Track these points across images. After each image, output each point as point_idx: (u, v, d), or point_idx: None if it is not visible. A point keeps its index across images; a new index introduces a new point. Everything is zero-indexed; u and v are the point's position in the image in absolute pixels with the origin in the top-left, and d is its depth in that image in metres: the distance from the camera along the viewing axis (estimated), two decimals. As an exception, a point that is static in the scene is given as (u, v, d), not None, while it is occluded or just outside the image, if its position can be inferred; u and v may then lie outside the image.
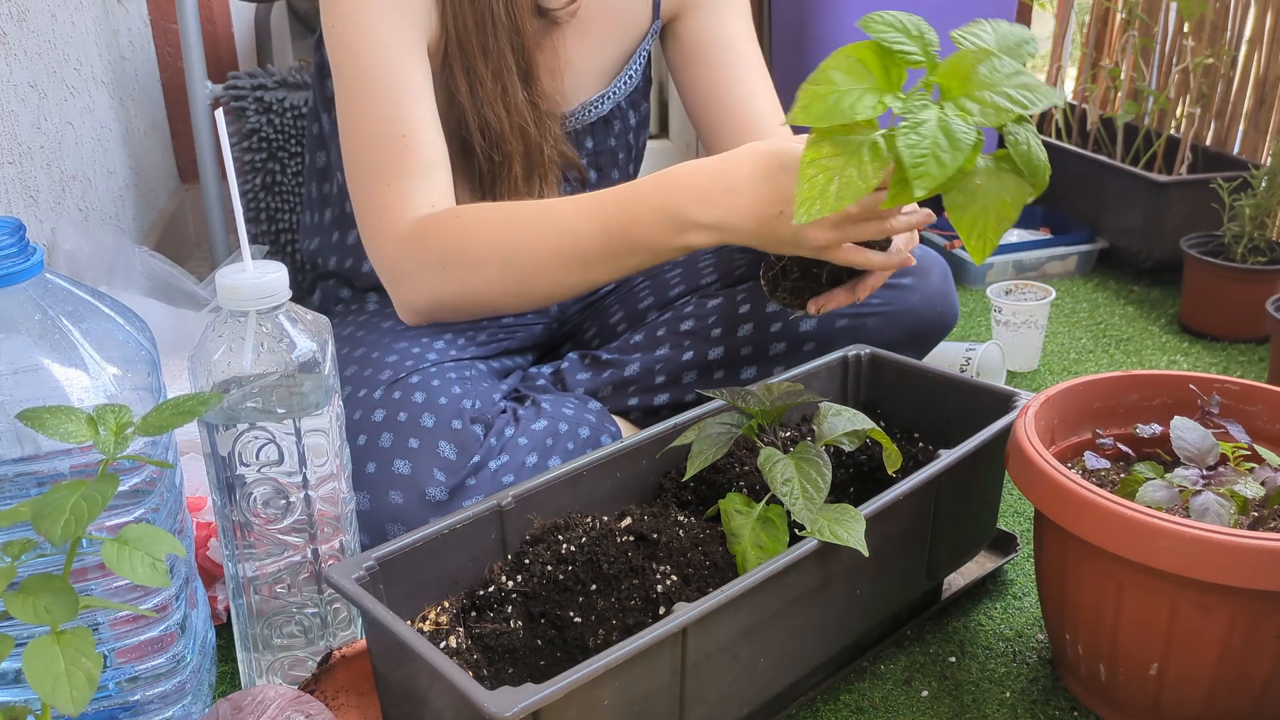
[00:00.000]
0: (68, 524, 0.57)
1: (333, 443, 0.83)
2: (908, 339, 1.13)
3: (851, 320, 1.11)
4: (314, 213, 1.23)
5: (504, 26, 1.01)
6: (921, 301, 1.13)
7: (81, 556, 0.74)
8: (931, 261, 1.15)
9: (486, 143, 1.03)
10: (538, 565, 0.81)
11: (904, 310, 1.12)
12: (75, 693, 0.54)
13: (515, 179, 1.05)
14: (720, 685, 0.76)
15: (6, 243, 0.69)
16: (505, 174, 1.05)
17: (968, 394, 1.01)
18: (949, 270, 1.17)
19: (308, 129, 1.21)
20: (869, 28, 0.72)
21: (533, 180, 1.07)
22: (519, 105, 1.03)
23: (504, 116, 1.02)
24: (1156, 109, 2.00)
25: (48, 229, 1.35)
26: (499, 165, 1.05)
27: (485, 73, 1.01)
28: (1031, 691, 0.92)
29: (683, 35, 1.17)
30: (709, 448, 0.86)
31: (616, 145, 1.17)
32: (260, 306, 0.78)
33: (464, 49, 1.01)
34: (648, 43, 1.16)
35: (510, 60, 1.02)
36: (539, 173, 1.07)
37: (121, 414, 0.64)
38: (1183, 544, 0.74)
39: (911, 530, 0.90)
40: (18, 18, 1.33)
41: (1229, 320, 1.65)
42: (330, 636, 0.88)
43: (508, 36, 1.01)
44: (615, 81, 1.15)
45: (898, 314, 1.11)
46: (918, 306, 1.12)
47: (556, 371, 1.15)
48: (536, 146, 1.05)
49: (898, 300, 1.12)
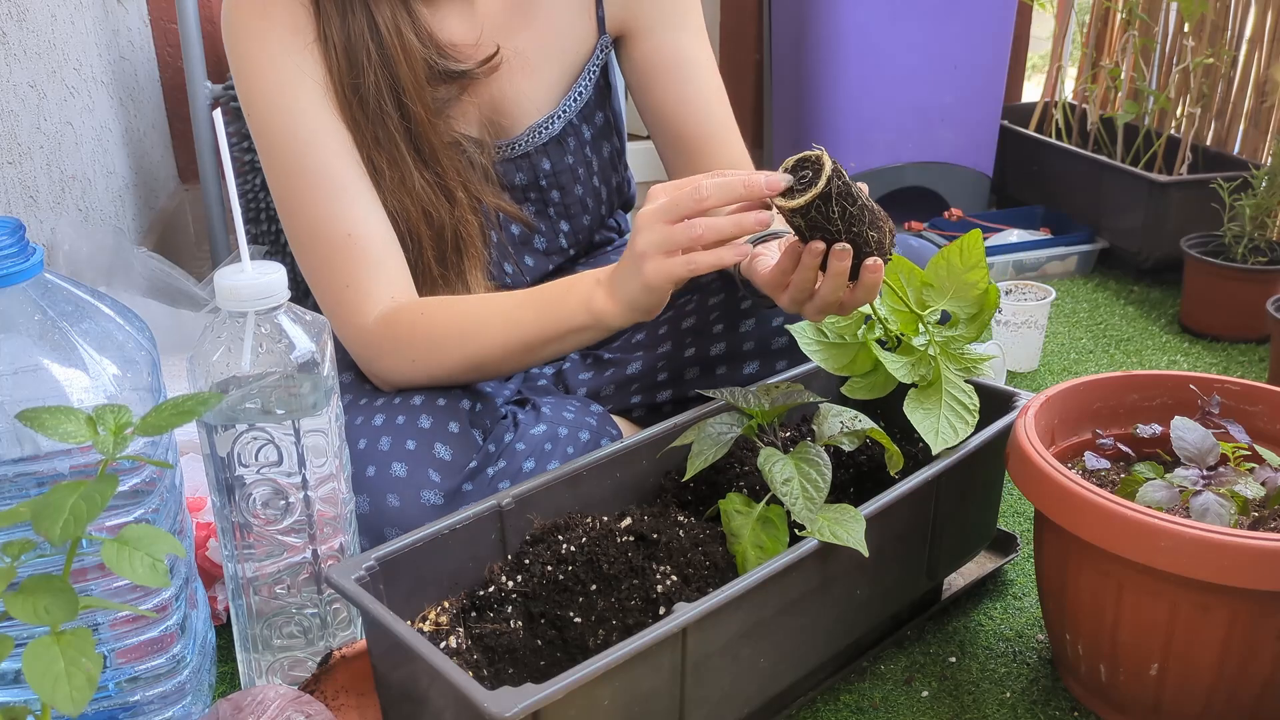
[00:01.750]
0: (67, 524, 0.57)
1: (332, 443, 0.83)
2: None
3: None
4: None
5: (392, 118, 0.99)
6: None
7: (81, 557, 0.74)
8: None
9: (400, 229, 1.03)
10: (538, 565, 0.81)
11: None
12: (75, 693, 0.54)
13: (429, 262, 1.04)
14: (720, 685, 0.76)
15: (6, 243, 0.69)
16: (417, 257, 1.04)
17: (968, 394, 1.01)
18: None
19: None
20: None
21: (446, 259, 1.06)
22: (418, 190, 1.02)
23: (408, 204, 1.02)
24: (1157, 109, 2.00)
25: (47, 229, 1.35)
26: (409, 249, 1.04)
27: (382, 162, 1.00)
28: (1032, 692, 0.92)
29: (635, 56, 1.16)
30: (709, 448, 0.86)
31: (575, 162, 1.15)
32: (259, 307, 0.78)
33: (358, 140, 1.00)
34: (597, 59, 1.14)
35: (404, 148, 1.01)
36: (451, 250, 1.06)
37: (121, 414, 0.64)
38: (1183, 544, 0.74)
39: (912, 530, 0.89)
40: (17, 18, 1.33)
41: (1229, 320, 1.65)
42: (330, 637, 0.88)
43: (398, 126, 1.00)
44: (564, 101, 1.13)
45: None
46: None
47: (558, 372, 1.15)
48: (443, 226, 1.04)
49: None
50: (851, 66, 1.97)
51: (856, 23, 1.93)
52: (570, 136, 1.15)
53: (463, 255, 1.07)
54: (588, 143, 1.17)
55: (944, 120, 2.07)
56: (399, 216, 1.02)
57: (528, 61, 1.09)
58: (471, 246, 1.07)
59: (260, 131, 0.99)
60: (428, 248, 1.04)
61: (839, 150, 2.06)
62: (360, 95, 0.99)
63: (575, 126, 1.15)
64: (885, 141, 2.05)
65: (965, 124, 2.08)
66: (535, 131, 1.12)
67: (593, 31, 1.13)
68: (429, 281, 1.06)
